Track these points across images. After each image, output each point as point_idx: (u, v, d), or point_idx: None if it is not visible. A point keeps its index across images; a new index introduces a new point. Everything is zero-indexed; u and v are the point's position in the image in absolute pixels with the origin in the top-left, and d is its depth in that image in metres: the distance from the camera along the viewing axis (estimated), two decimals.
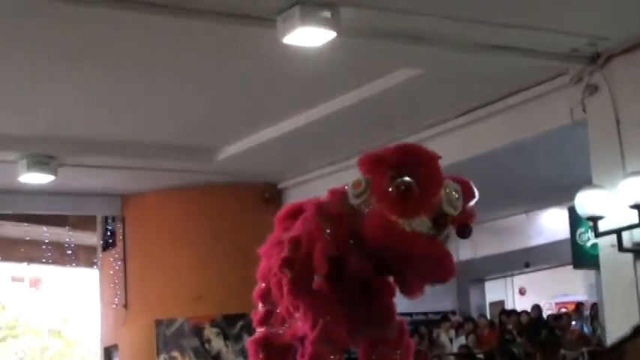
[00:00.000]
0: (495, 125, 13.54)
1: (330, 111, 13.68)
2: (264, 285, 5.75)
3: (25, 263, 24.36)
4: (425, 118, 14.20)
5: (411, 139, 14.51)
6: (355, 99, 13.22)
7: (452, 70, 12.35)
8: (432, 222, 5.09)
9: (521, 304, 20.64)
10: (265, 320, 5.73)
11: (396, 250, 5.08)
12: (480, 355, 16.07)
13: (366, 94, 13.04)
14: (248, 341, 5.83)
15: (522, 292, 22.15)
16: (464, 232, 5.25)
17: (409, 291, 5.36)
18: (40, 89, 12.68)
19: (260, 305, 5.79)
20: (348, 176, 5.53)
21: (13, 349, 35.42)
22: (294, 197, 16.64)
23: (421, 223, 5.09)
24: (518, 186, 16.80)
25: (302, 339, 5.41)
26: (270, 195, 17.67)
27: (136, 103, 13.48)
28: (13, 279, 36.95)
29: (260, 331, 5.75)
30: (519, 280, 22.06)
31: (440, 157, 5.39)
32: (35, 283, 37.85)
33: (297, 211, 5.66)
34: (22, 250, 21.81)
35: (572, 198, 12.16)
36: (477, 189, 5.30)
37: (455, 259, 5.24)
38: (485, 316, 19.74)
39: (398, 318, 5.52)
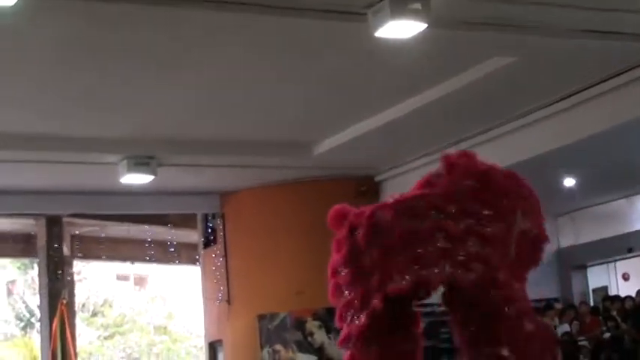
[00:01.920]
0: (591, 111, 13.40)
1: (423, 102, 13.69)
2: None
3: (129, 262, 24.77)
4: (519, 106, 14.12)
5: (506, 128, 14.48)
6: (448, 89, 13.21)
7: (544, 56, 12.26)
8: None
9: (625, 290, 20.33)
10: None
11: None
12: (584, 342, 15.91)
13: (459, 84, 13.01)
14: None
15: (626, 277, 21.79)
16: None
17: None
18: (138, 92, 12.93)
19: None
20: None
21: (120, 346, 36.08)
22: (391, 189, 16.67)
23: None
24: (618, 170, 16.57)
25: None
26: (367, 187, 17.71)
27: (232, 102, 13.64)
28: (119, 277, 37.62)
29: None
30: (622, 266, 21.70)
31: None
32: (140, 281, 38.49)
33: None
34: (126, 249, 22.20)
35: None
36: (576, 175, 5.10)
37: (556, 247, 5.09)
38: (586, 303, 19.51)
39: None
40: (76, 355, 17.28)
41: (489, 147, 14.56)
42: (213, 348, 19.90)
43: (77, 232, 21.29)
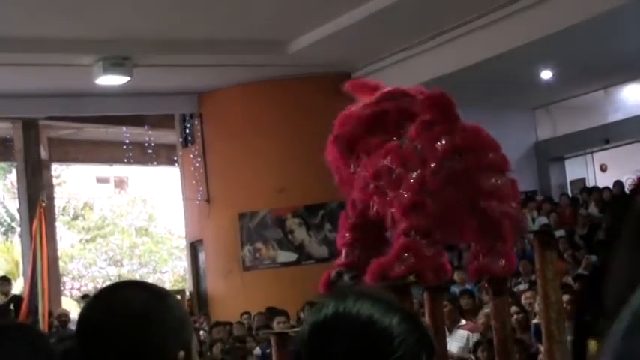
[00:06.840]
0: (569, 2, 13.32)
1: None
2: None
3: (107, 164, 24.72)
4: None
5: (482, 21, 14.37)
6: None
7: None
8: None
9: (603, 181, 20.45)
10: None
11: None
12: (560, 232, 16.00)
13: None
14: None
15: (603, 168, 21.92)
16: None
17: None
18: None
19: None
20: (420, 62, 5.54)
21: (102, 249, 36.20)
22: None
23: None
24: (595, 62, 16.55)
25: None
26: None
27: (207, 0, 13.51)
28: (99, 180, 37.55)
29: None
30: (600, 157, 21.82)
31: None
32: (120, 183, 38.45)
33: None
34: (104, 151, 22.14)
35: None
36: (555, 67, 5.22)
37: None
38: (566, 195, 19.65)
39: None
40: (49, 258, 17.15)
41: (467, 40, 14.47)
42: (194, 248, 20.02)
43: (54, 135, 21.19)
